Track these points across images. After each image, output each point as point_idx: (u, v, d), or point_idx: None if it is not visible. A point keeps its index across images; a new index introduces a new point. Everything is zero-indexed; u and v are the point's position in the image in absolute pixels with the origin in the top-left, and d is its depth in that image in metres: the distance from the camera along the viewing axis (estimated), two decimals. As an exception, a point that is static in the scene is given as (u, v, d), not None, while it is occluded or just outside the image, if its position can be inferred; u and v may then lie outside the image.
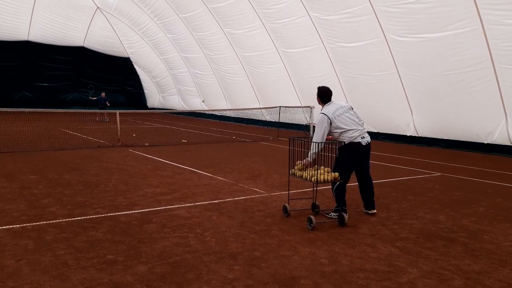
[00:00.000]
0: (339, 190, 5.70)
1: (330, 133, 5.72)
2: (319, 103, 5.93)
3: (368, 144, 5.78)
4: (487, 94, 12.47)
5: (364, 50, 15.14)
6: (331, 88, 5.99)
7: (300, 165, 5.67)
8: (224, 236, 4.92)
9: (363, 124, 5.87)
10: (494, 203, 6.88)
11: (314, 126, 9.60)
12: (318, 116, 5.73)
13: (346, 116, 5.70)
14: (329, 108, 5.72)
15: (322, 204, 6.40)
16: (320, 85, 5.97)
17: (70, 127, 18.87)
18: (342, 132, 5.65)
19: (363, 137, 5.72)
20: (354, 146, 5.66)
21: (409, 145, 14.82)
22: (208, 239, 4.79)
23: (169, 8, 22.64)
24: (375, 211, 6.03)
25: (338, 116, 5.65)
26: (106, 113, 23.17)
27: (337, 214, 5.63)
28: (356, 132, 5.66)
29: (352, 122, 5.70)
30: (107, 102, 23.69)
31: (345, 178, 5.69)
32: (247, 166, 9.85)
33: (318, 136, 5.57)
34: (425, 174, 9.37)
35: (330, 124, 5.60)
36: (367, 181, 6.00)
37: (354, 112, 5.88)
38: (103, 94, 24.07)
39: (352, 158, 5.73)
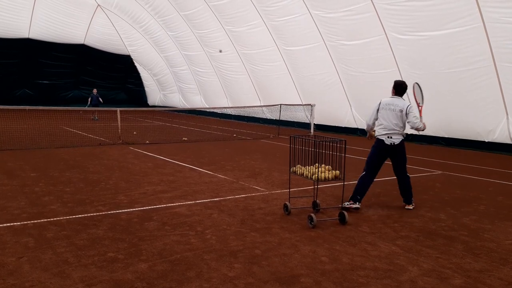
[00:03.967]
0: (360, 178, 6.22)
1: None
2: (392, 94, 6.39)
3: (393, 145, 6.10)
4: (488, 92, 12.45)
5: (365, 48, 15.11)
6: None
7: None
8: (225, 234, 4.92)
9: (401, 127, 6.13)
10: (495, 201, 6.88)
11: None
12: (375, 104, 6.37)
13: (389, 113, 6.09)
14: (386, 100, 6.25)
15: (323, 202, 6.40)
16: (398, 79, 6.51)
17: (71, 125, 18.87)
18: (377, 124, 6.26)
19: (390, 137, 6.08)
20: (378, 142, 6.20)
21: (410, 143, 14.80)
22: (209, 237, 4.79)
23: (170, 5, 22.60)
24: (410, 207, 6.27)
25: (384, 109, 6.14)
26: (97, 111, 23.15)
27: (351, 201, 6.08)
28: (384, 130, 6.12)
29: (388, 121, 6.08)
30: (100, 99, 23.75)
31: (367, 169, 6.23)
32: (247, 164, 9.85)
33: (368, 118, 6.38)
34: (425, 172, 9.36)
35: (377, 111, 6.21)
36: (401, 178, 6.32)
37: (404, 115, 6.10)
38: (95, 91, 23.96)
39: (375, 152, 6.23)
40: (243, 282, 3.67)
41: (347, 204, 6.04)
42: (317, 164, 5.49)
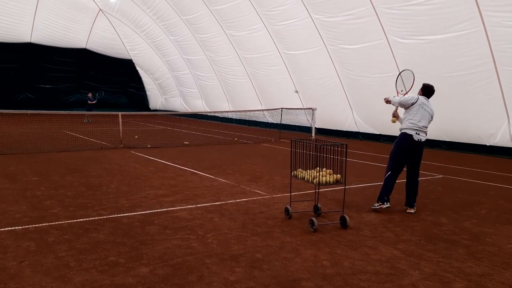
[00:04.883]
0: (386, 179, 6.27)
1: (403, 108, 6.36)
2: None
3: (420, 142, 6.19)
4: (489, 96, 12.45)
5: (366, 52, 15.14)
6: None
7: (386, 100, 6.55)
8: (226, 238, 4.92)
9: (425, 130, 6.26)
10: (496, 205, 6.87)
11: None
12: (413, 94, 6.40)
13: (425, 113, 6.17)
14: (422, 99, 6.28)
15: (324, 206, 6.39)
16: (426, 82, 6.53)
17: (72, 129, 18.91)
18: (408, 117, 6.23)
19: (418, 133, 6.16)
20: (406, 137, 6.19)
21: (411, 147, 14.78)
22: (210, 241, 4.79)
23: (171, 10, 22.69)
24: (411, 211, 6.27)
25: (421, 107, 6.18)
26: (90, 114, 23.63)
27: (379, 202, 6.23)
28: (415, 126, 6.16)
29: (422, 119, 6.16)
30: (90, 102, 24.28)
31: (393, 168, 6.23)
32: (248, 168, 9.85)
33: (408, 98, 6.23)
34: (427, 176, 9.35)
35: (412, 104, 6.19)
36: (414, 180, 6.34)
37: (431, 118, 6.28)
38: (90, 95, 24.36)
39: (401, 147, 6.24)
40: (244, 286, 3.67)
41: (377, 206, 6.22)
42: (318, 168, 5.49)
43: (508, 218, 6.05)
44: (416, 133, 6.16)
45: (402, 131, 6.28)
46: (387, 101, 6.56)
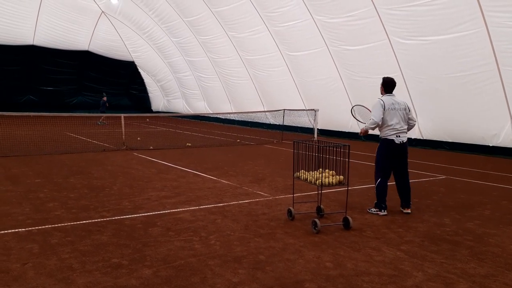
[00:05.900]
0: (378, 186, 6.13)
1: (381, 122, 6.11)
2: (381, 92, 6.33)
3: (402, 144, 6.09)
4: (492, 96, 12.43)
5: (368, 53, 15.13)
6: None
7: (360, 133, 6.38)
8: (229, 239, 4.92)
9: (408, 124, 6.18)
10: (499, 206, 6.85)
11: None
12: (375, 101, 6.15)
13: (398, 113, 6.06)
14: (387, 99, 6.13)
15: (327, 208, 6.39)
16: (386, 76, 6.36)
17: (75, 131, 18.94)
18: (383, 125, 6.07)
19: (398, 136, 6.04)
20: (387, 142, 6.09)
21: (414, 148, 14.76)
22: (213, 243, 4.79)
23: (173, 12, 22.74)
24: (409, 211, 6.21)
25: (391, 110, 6.04)
26: (104, 116, 23.78)
27: (377, 209, 6.13)
28: (393, 130, 6.04)
29: (397, 121, 6.04)
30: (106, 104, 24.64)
31: (382, 174, 6.12)
32: (251, 169, 9.85)
33: (377, 116, 5.99)
34: (429, 177, 9.33)
35: (384, 111, 6.01)
36: (405, 180, 6.24)
37: (407, 113, 6.18)
38: (105, 98, 24.61)
39: (385, 154, 6.14)
40: (247, 288, 3.67)
41: (374, 211, 6.15)
42: (321, 169, 5.49)
43: (511, 219, 6.03)
44: (397, 136, 6.05)
45: (383, 137, 6.17)
46: (365, 132, 6.30)
